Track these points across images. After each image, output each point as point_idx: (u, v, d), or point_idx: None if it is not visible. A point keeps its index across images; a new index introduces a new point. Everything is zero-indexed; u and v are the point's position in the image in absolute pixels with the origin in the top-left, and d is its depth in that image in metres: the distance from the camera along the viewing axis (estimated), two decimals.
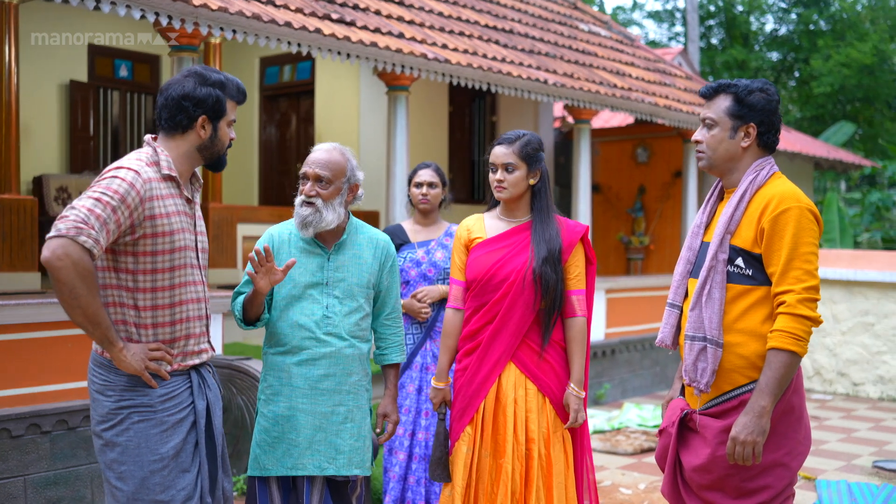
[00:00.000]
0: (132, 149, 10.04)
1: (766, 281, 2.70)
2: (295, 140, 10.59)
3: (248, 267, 3.19)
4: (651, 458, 6.44)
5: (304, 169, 3.15)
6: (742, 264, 2.72)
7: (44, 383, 4.81)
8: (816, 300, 2.63)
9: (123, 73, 9.96)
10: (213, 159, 2.82)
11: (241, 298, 3.19)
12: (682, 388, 2.98)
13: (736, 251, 2.73)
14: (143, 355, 2.63)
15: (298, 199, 3.16)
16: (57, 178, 8.70)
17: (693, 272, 2.88)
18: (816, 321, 2.63)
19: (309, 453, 3.10)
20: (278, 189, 10.65)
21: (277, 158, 10.74)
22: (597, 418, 7.50)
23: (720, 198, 2.93)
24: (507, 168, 3.33)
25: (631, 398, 8.98)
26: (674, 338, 2.96)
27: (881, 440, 7.15)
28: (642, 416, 7.52)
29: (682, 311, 2.92)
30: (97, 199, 2.51)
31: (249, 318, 3.16)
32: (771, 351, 2.62)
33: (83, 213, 2.47)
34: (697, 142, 2.86)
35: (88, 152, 9.59)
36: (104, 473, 2.71)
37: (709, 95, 2.86)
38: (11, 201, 6.34)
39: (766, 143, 2.81)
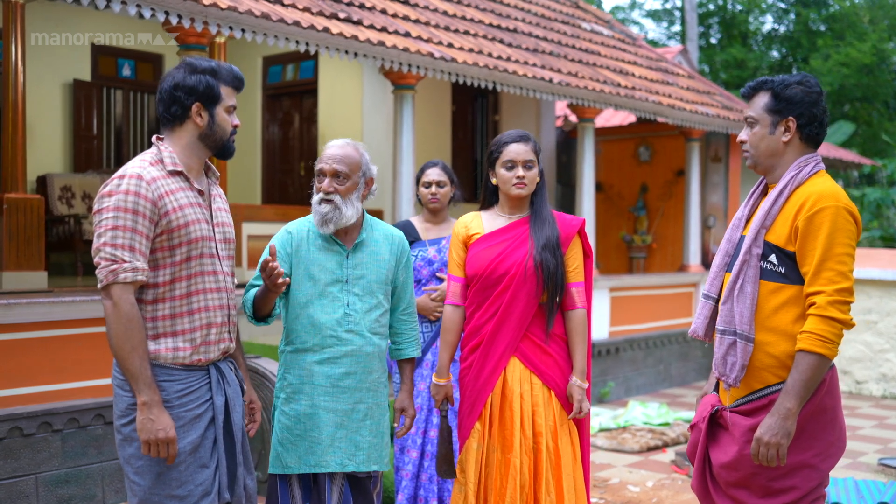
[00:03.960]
0: (136, 148, 10.06)
1: (799, 280, 2.66)
2: (298, 139, 10.59)
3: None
4: (657, 456, 6.47)
5: (321, 165, 3.14)
6: (775, 261, 2.68)
7: (55, 382, 4.83)
8: (849, 302, 2.59)
9: (126, 72, 9.95)
10: (217, 147, 2.81)
11: (252, 293, 3.14)
12: (717, 382, 2.94)
13: (770, 247, 2.69)
14: (163, 429, 2.59)
15: (316, 198, 3.14)
16: (61, 178, 8.68)
17: (730, 265, 2.84)
18: (847, 324, 2.58)
19: (331, 450, 3.11)
20: (281, 188, 10.65)
21: (280, 158, 10.74)
22: (602, 416, 7.51)
23: (763, 193, 2.88)
24: (527, 165, 3.36)
25: (635, 396, 8.99)
26: (706, 329, 2.92)
27: (886, 438, 7.18)
28: (647, 413, 7.53)
29: (717, 304, 2.88)
30: (113, 228, 2.59)
31: (260, 315, 3.14)
32: (799, 352, 2.59)
33: (108, 253, 2.59)
34: (742, 142, 2.83)
35: (92, 151, 9.58)
36: (124, 468, 2.73)
37: (749, 95, 2.82)
38: (18, 200, 6.32)
39: (809, 137, 2.76)
